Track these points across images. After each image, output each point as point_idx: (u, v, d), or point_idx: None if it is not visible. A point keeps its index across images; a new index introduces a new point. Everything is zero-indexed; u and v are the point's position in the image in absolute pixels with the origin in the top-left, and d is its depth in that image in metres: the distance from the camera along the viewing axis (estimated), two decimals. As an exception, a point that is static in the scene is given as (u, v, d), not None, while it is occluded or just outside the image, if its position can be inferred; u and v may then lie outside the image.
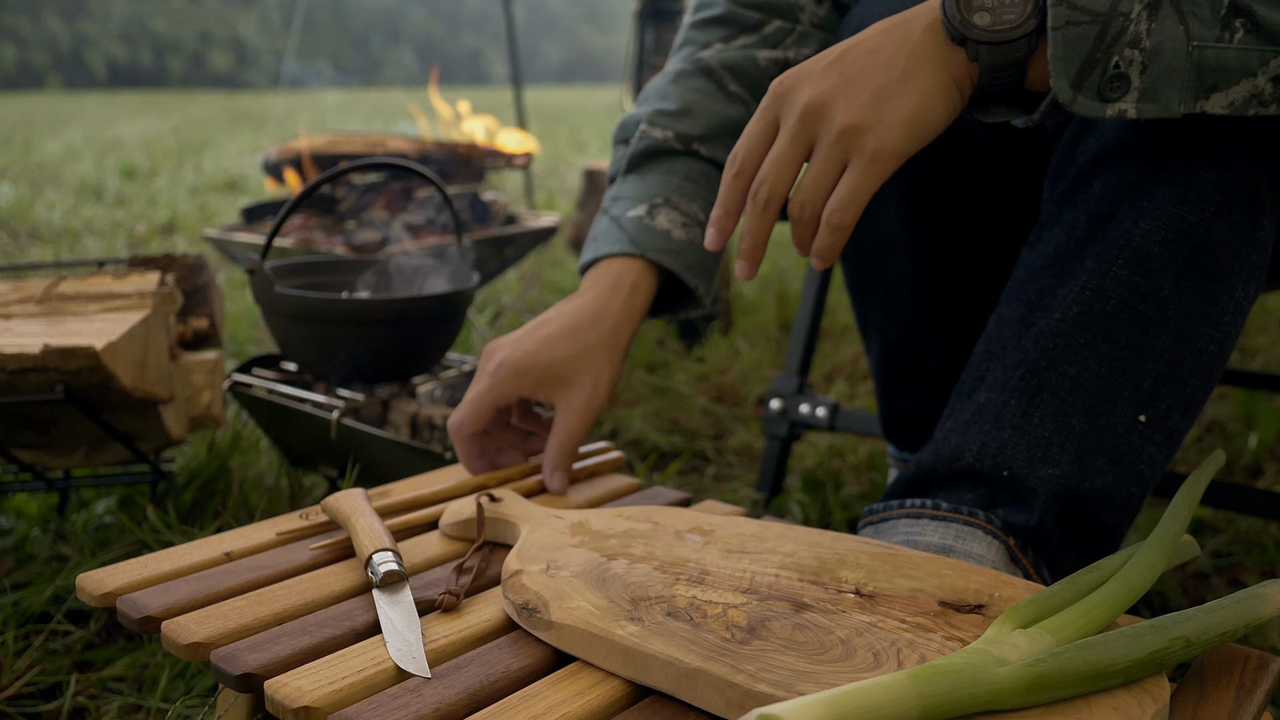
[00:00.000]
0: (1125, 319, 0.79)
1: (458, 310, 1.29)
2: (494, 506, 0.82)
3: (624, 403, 1.86)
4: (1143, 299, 0.78)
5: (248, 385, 1.36)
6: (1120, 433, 0.79)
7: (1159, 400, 0.79)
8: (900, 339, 1.10)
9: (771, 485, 1.43)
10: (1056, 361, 0.80)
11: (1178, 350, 0.79)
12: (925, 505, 0.82)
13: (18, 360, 1.04)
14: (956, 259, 1.06)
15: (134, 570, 0.75)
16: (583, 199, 2.44)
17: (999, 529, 0.79)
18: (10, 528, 1.26)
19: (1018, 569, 0.79)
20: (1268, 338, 2.26)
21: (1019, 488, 0.79)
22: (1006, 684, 0.53)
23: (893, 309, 1.09)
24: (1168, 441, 0.80)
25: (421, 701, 0.59)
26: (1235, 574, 1.23)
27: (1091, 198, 0.81)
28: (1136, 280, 0.78)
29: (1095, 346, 0.79)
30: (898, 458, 1.18)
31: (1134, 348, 0.79)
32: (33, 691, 0.99)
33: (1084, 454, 0.79)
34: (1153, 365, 0.78)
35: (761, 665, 0.57)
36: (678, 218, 0.96)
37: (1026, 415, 0.80)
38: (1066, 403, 0.79)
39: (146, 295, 1.17)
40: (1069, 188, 0.83)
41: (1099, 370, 0.79)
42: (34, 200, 4.86)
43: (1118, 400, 0.79)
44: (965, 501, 0.81)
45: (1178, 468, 1.56)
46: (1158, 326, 0.78)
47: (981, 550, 0.79)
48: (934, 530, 0.80)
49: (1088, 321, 0.79)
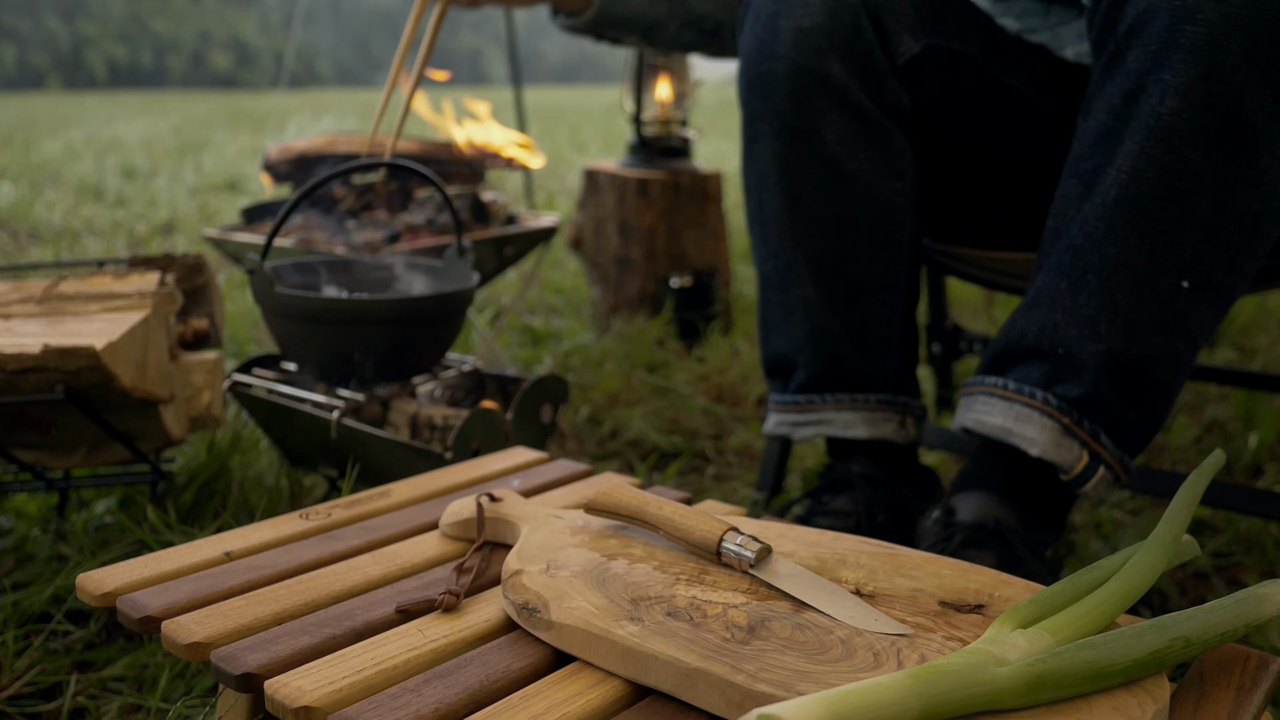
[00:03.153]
0: (1161, 196, 0.85)
1: (458, 310, 1.29)
2: (494, 506, 0.82)
3: (624, 403, 1.86)
4: (1177, 175, 0.84)
5: (248, 385, 1.36)
6: (1165, 300, 0.88)
7: (1200, 265, 0.86)
8: (772, 275, 1.15)
9: (771, 485, 1.43)
10: (1100, 244, 0.88)
11: (1216, 216, 0.85)
12: (998, 385, 0.95)
13: (18, 360, 1.04)
14: (820, 197, 1.10)
15: (134, 570, 0.75)
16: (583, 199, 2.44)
17: (1054, 408, 0.91)
18: (10, 528, 1.26)
19: (1074, 440, 0.91)
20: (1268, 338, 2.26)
21: (1073, 363, 0.90)
22: (1006, 684, 0.53)
23: (766, 244, 1.15)
24: (1214, 299, 0.87)
25: (421, 701, 0.59)
26: (1235, 574, 1.23)
27: (1125, 70, 0.87)
28: (1169, 159, 0.84)
29: (1136, 225, 0.86)
30: (777, 402, 1.19)
31: (1172, 221, 0.85)
32: (33, 691, 0.99)
33: (1131, 324, 0.88)
34: (1191, 234, 0.85)
35: (761, 665, 0.57)
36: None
37: (1075, 296, 0.89)
38: (1111, 281, 0.87)
39: (146, 295, 1.17)
40: (1109, 58, 0.89)
41: (1140, 246, 0.86)
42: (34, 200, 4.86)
43: (1160, 271, 0.86)
44: (1030, 380, 0.93)
45: (1178, 468, 1.56)
46: (1193, 198, 0.84)
47: (1034, 434, 0.92)
48: (999, 411, 0.95)
49: (1126, 204, 0.86)
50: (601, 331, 2.32)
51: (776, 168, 1.10)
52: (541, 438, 1.33)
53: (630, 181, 2.31)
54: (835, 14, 1.05)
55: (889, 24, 1.06)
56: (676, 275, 2.29)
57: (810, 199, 1.10)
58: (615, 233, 2.34)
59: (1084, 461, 0.93)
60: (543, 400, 1.32)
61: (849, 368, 1.13)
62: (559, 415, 1.36)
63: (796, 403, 1.16)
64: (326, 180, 1.17)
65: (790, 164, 1.09)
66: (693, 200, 2.31)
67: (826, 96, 1.06)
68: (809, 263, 1.11)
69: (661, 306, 2.29)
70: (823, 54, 1.05)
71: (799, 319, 1.14)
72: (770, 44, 1.06)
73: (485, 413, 1.22)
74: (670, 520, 0.73)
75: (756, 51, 1.08)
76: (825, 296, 1.12)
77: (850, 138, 1.08)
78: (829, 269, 1.11)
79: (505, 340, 2.34)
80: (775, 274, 1.14)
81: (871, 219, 1.10)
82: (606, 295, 2.39)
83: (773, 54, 1.06)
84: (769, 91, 1.07)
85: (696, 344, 2.22)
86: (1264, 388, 1.44)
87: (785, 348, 1.16)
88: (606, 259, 2.38)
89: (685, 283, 2.28)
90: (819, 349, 1.13)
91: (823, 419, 1.15)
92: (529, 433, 1.31)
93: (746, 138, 1.13)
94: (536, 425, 1.32)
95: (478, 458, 1.09)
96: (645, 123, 2.37)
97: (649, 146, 2.36)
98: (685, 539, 0.71)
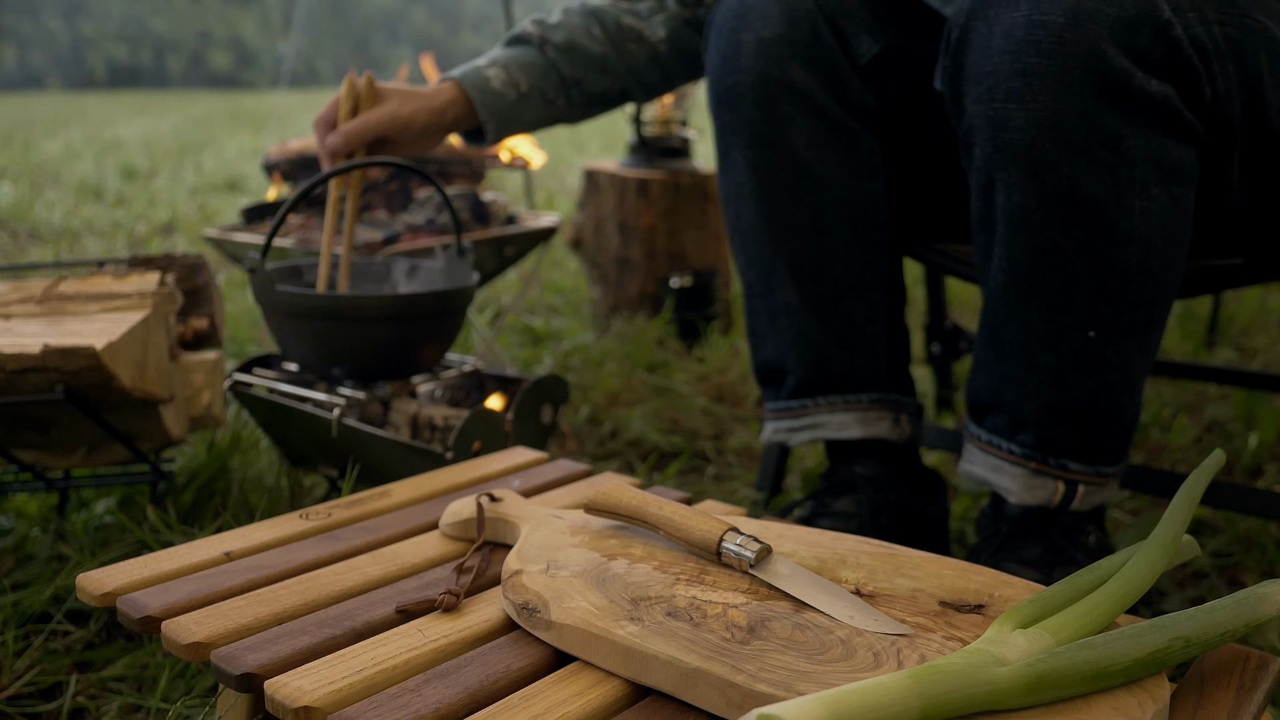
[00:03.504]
0: (1041, 274, 0.91)
1: (457, 307, 1.29)
2: (494, 506, 0.82)
3: (624, 403, 1.86)
4: (1047, 254, 0.90)
5: (248, 385, 1.36)
6: (1079, 350, 0.92)
7: (1100, 315, 0.91)
8: (754, 283, 1.17)
9: (771, 485, 1.43)
10: (1005, 320, 0.95)
11: (1097, 277, 0.90)
12: (977, 436, 1.01)
13: (18, 360, 1.04)
14: (795, 203, 1.12)
15: (134, 570, 0.75)
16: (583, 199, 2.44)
17: (1019, 456, 0.97)
18: (10, 528, 1.26)
19: (1045, 478, 0.97)
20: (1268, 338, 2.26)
21: (1020, 417, 0.97)
22: (1006, 684, 0.53)
23: (746, 253, 1.17)
24: (1130, 332, 0.92)
25: (421, 701, 0.59)
26: (1235, 574, 1.23)
27: (975, 165, 0.93)
28: (1035, 243, 0.91)
29: (1028, 300, 0.93)
30: (771, 409, 1.21)
31: (1058, 290, 0.91)
32: (33, 691, 0.99)
33: (1055, 378, 0.94)
34: (1081, 295, 0.91)
35: (761, 665, 0.57)
36: (503, 75, 1.25)
37: (1000, 364, 0.97)
38: (1025, 348, 0.95)
39: (146, 295, 1.17)
40: (964, 148, 0.94)
41: (1039, 315, 0.93)
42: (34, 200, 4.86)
43: (1064, 330, 0.92)
44: (997, 430, 0.99)
45: (1178, 468, 1.56)
46: (1071, 268, 0.90)
47: (1008, 483, 0.98)
48: (979, 462, 1.01)
49: (1013, 285, 0.93)
50: (601, 331, 2.32)
51: (750, 177, 1.12)
52: (541, 438, 1.33)
53: (630, 181, 2.31)
54: (793, 22, 1.07)
55: (846, 27, 1.09)
56: (676, 275, 2.29)
57: (785, 205, 1.12)
58: (615, 233, 2.34)
59: (1061, 491, 0.98)
60: (543, 400, 1.32)
61: (837, 369, 1.15)
62: (559, 415, 1.36)
63: (790, 408, 1.18)
64: (326, 179, 1.17)
65: (763, 172, 1.11)
66: (693, 200, 2.31)
67: (793, 103, 1.09)
68: (789, 268, 1.13)
69: (661, 306, 2.29)
70: (785, 62, 1.07)
71: (784, 324, 1.15)
72: (734, 57, 1.09)
73: (485, 413, 1.23)
74: (670, 520, 0.73)
75: (721, 66, 1.11)
76: (808, 300, 1.14)
77: (820, 142, 1.10)
78: (809, 273, 1.13)
79: (505, 340, 2.34)
80: (758, 281, 1.16)
81: (847, 221, 1.12)
82: (606, 295, 2.39)
83: (737, 67, 1.09)
84: (737, 104, 1.10)
85: (696, 344, 2.22)
86: (1264, 387, 1.44)
87: (774, 354, 1.18)
88: (606, 259, 2.38)
89: (685, 283, 2.28)
90: (806, 352, 1.15)
91: (816, 422, 1.16)
92: (529, 433, 1.31)
93: (720, 151, 1.15)
94: (536, 425, 1.32)
95: (478, 458, 1.09)
96: (645, 123, 2.37)
97: (649, 146, 2.36)
98: (685, 539, 0.71)
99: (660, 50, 1.28)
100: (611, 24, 1.27)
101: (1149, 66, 0.85)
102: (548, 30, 1.28)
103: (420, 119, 1.22)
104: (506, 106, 1.26)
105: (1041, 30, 0.85)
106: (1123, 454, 0.99)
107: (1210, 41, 0.86)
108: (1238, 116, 0.90)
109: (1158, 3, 0.83)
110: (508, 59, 1.27)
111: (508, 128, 1.28)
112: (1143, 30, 0.83)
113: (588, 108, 1.32)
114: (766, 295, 1.16)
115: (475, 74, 1.25)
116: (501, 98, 1.25)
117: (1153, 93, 0.85)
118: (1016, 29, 0.86)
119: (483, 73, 1.25)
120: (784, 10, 1.08)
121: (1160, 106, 0.86)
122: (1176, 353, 2.16)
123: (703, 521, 0.71)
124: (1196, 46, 0.85)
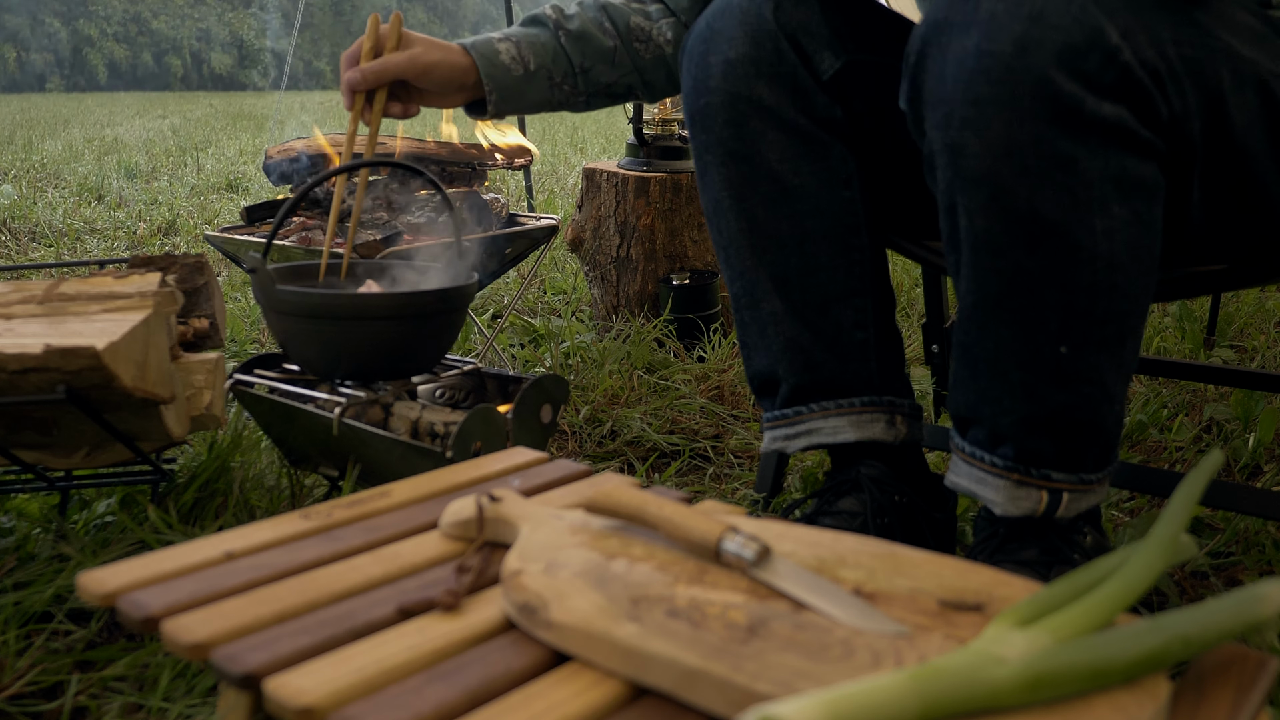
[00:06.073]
0: (1009, 293, 0.92)
1: (458, 306, 1.29)
2: (494, 506, 0.82)
3: (624, 403, 1.86)
4: (1013, 275, 0.91)
5: (249, 385, 1.36)
6: (1052, 365, 0.93)
7: (1071, 331, 0.91)
8: (741, 295, 1.19)
9: (771, 485, 1.43)
10: (977, 339, 0.96)
11: (1066, 294, 0.90)
12: (961, 448, 1.02)
13: (19, 360, 1.04)
14: (773, 215, 1.15)
15: (135, 569, 0.75)
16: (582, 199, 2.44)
17: (1002, 469, 0.98)
18: (11, 527, 1.26)
19: (1028, 488, 0.97)
20: (1266, 337, 2.26)
21: (998, 431, 0.97)
22: (1006, 683, 0.54)
23: (731, 266, 1.19)
24: (1102, 346, 0.93)
25: (421, 701, 0.59)
26: (1234, 574, 1.23)
27: (939, 187, 0.94)
28: (1000, 265, 0.91)
29: (998, 320, 0.94)
30: (768, 418, 1.22)
31: (1027, 309, 0.92)
32: (34, 691, 0.99)
33: (1030, 392, 0.95)
34: (1050, 313, 0.92)
35: (761, 665, 0.58)
36: (513, 50, 1.27)
37: (975, 381, 0.98)
38: (998, 365, 0.95)
39: (147, 295, 1.18)
40: (928, 171, 0.95)
41: (1009, 334, 0.94)
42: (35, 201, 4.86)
43: (1036, 347, 0.93)
44: (979, 443, 1.00)
45: (1176, 468, 1.56)
46: (1038, 288, 0.91)
47: (992, 495, 0.99)
48: (965, 474, 1.01)
49: (982, 306, 0.94)
50: (601, 331, 2.32)
51: (728, 192, 1.15)
52: (541, 438, 1.33)
53: (630, 181, 2.31)
54: (758, 42, 1.11)
55: (808, 45, 1.12)
56: (676, 275, 2.29)
57: (764, 217, 1.14)
58: (615, 233, 2.34)
59: (1045, 500, 0.98)
60: (543, 400, 1.32)
61: (828, 374, 1.16)
62: (559, 415, 1.36)
63: (785, 416, 1.19)
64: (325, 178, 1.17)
65: (739, 187, 1.14)
66: (692, 200, 2.31)
67: (762, 119, 1.12)
68: (772, 278, 1.16)
69: (661, 306, 2.29)
70: (751, 80, 1.11)
71: (772, 334, 1.17)
72: (704, 79, 1.13)
73: (486, 413, 1.23)
74: (670, 520, 0.73)
75: (694, 88, 1.14)
76: (794, 309, 1.16)
77: (792, 155, 1.13)
78: (793, 282, 1.15)
79: (505, 340, 2.34)
80: (744, 293, 1.18)
81: (825, 229, 1.14)
82: (606, 295, 2.40)
83: (707, 88, 1.12)
84: (709, 123, 1.13)
85: (696, 344, 2.22)
86: (1262, 388, 1.44)
87: (765, 364, 1.19)
88: (606, 259, 2.38)
89: (685, 282, 2.28)
90: (795, 360, 1.16)
91: (811, 428, 1.17)
92: (529, 433, 1.31)
93: (698, 170, 1.18)
94: (536, 425, 1.32)
95: (478, 458, 1.09)
96: (645, 123, 2.37)
97: (649, 146, 2.36)
98: (685, 539, 0.72)
99: (666, 53, 1.31)
100: (622, 22, 1.31)
101: (1100, 90, 0.85)
102: (563, 17, 1.31)
103: (441, 71, 1.24)
104: (512, 81, 1.28)
105: (990, 59, 0.85)
106: (1107, 459, 0.99)
107: (1163, 63, 0.86)
108: (1198, 135, 0.90)
109: (1105, 28, 0.84)
110: (520, 36, 1.29)
111: (510, 103, 1.29)
112: (1091, 55, 0.84)
113: (592, 98, 1.34)
114: (754, 306, 1.18)
115: (486, 44, 1.28)
116: (508, 71, 1.27)
117: (1105, 115, 0.85)
118: (968, 58, 0.86)
119: (494, 44, 1.28)
120: (748, 32, 1.11)
121: (1114, 128, 0.86)
122: (1175, 353, 2.16)
123: (702, 521, 0.72)
124: (1148, 69, 0.85)
